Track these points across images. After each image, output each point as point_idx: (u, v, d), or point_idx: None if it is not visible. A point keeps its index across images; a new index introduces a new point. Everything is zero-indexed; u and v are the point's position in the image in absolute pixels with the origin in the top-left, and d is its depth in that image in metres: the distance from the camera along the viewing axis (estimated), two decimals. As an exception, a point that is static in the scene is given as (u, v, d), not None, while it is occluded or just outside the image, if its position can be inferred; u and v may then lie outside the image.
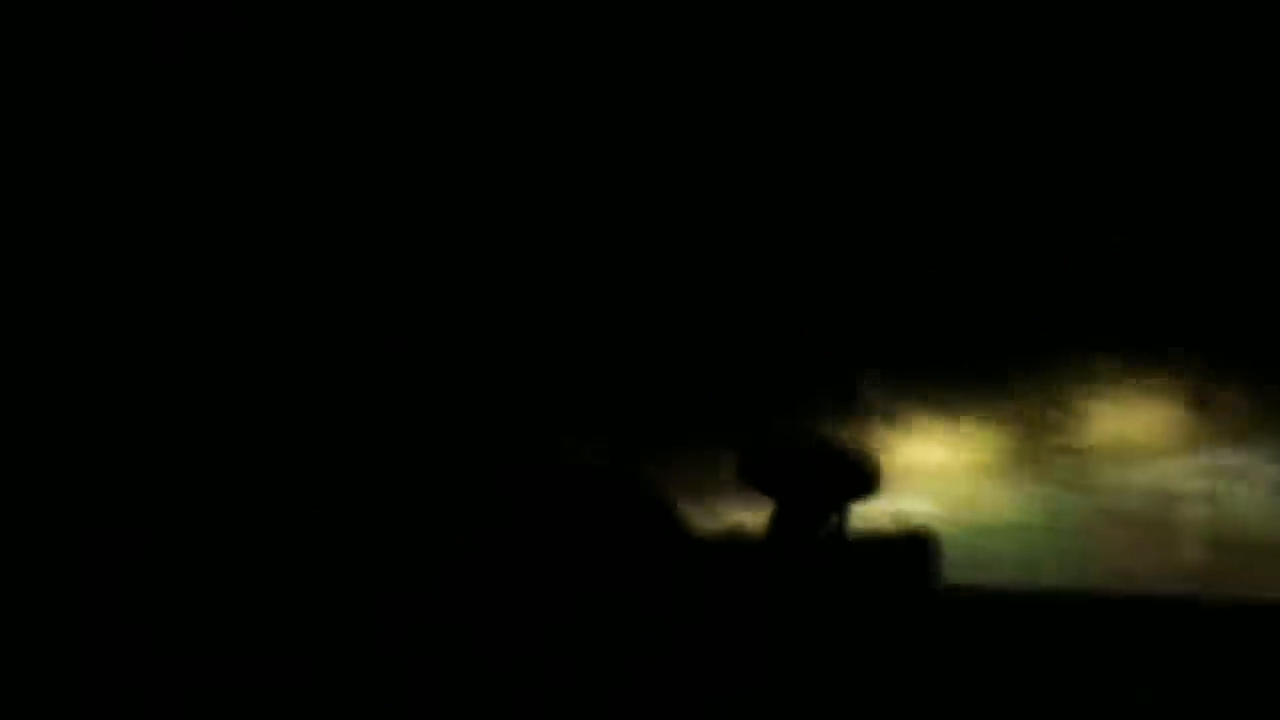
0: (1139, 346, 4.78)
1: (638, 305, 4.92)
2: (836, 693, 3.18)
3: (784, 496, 3.78)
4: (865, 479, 4.21)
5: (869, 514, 4.28)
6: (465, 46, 4.98)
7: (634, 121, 5.06)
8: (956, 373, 4.99)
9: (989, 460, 4.85)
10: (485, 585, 3.45)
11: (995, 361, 4.94)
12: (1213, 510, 4.55)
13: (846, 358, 4.96)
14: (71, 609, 3.39)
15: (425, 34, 4.96)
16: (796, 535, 3.64)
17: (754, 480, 3.91)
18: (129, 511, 3.65)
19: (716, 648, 3.28)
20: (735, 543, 3.82)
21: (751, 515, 3.98)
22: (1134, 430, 4.77)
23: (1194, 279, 4.71)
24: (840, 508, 3.85)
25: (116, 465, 3.79)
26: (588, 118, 5.08)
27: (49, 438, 3.86)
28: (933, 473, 4.84)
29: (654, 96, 5.10)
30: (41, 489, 3.69)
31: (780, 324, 4.97)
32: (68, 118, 4.51)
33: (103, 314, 4.30)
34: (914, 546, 3.65)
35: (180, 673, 3.22)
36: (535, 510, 3.78)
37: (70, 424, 3.92)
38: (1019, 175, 4.93)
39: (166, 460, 3.82)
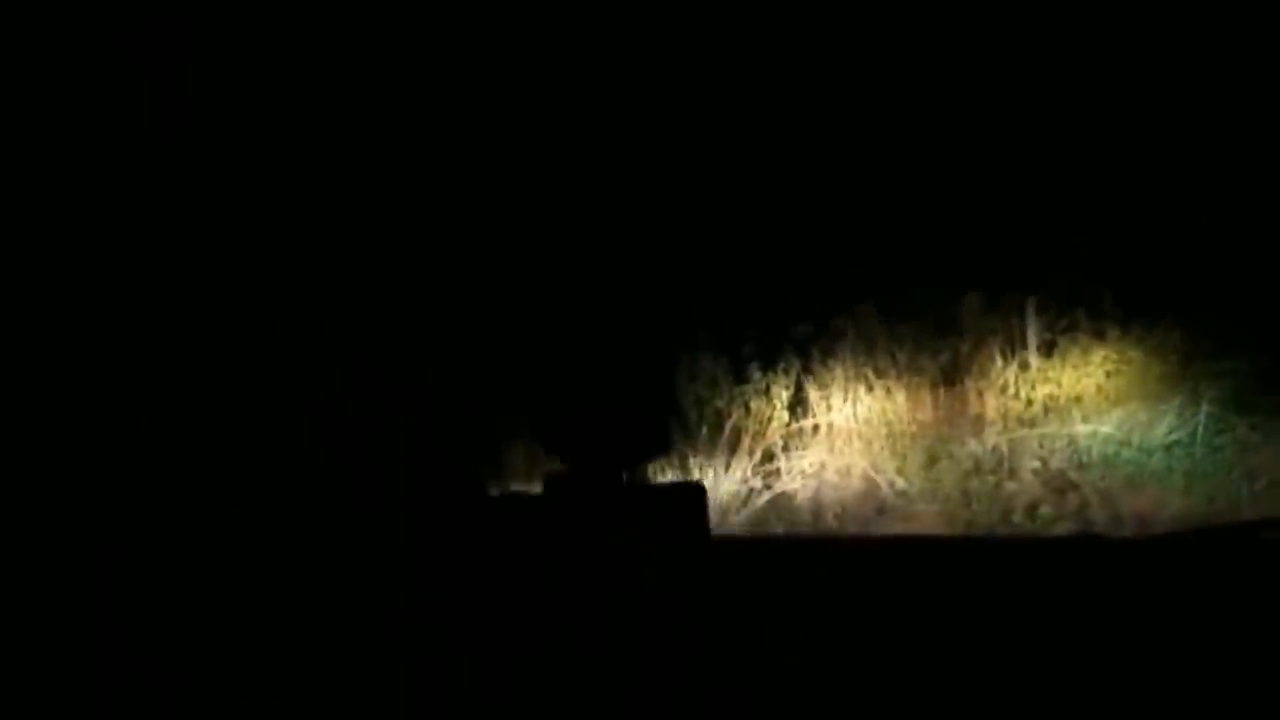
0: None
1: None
2: (619, 632, 3.12)
3: (576, 457, 3.70)
4: (656, 440, 4.04)
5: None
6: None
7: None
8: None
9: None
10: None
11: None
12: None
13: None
14: (69, 608, 3.29)
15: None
16: (587, 493, 3.56)
17: (548, 442, 3.84)
18: (122, 510, 3.52)
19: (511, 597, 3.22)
20: (521, 501, 3.85)
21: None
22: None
23: None
24: (630, 466, 3.75)
25: (108, 465, 3.65)
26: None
27: (42, 438, 3.74)
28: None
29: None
30: (36, 489, 3.57)
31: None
32: (64, 121, 4.43)
33: (93, 316, 4.19)
34: (689, 493, 3.54)
35: (179, 672, 3.14)
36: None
37: (64, 424, 3.81)
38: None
39: (158, 460, 3.70)
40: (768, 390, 5.05)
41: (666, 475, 4.77)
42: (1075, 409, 5.08)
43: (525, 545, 3.29)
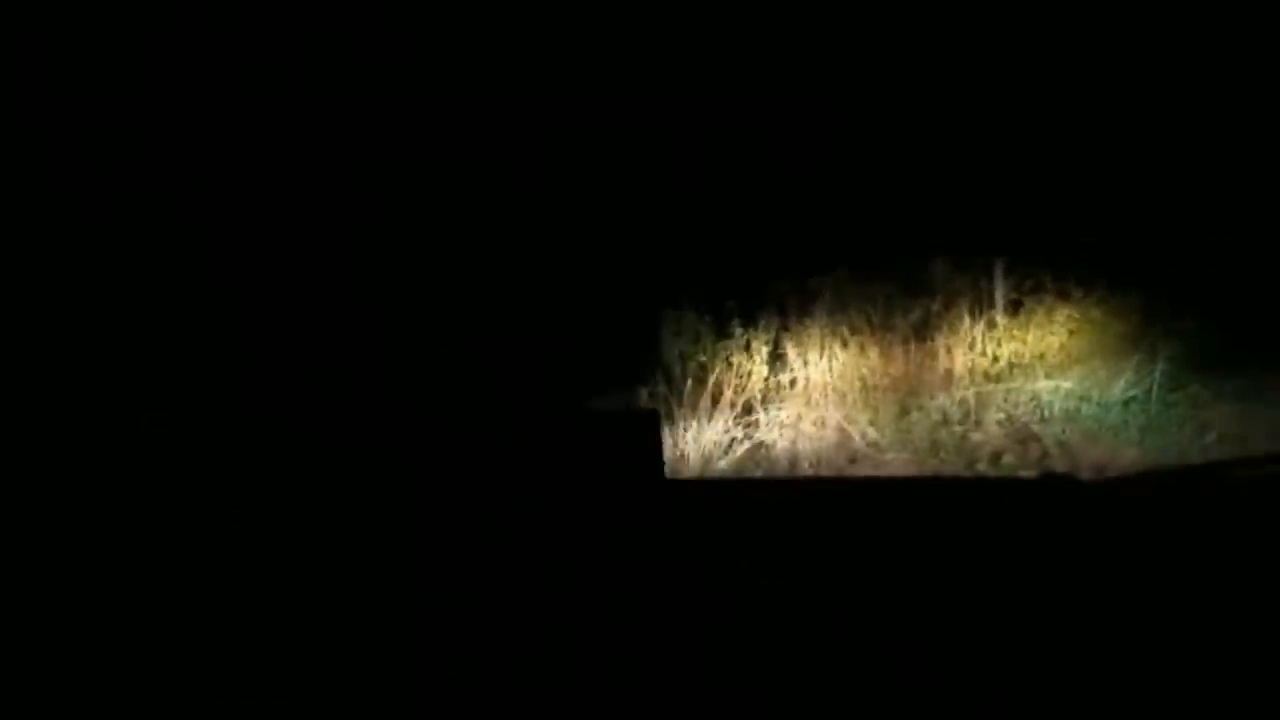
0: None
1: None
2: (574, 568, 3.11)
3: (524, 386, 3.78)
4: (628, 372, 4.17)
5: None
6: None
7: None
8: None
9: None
10: None
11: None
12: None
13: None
14: (69, 606, 3.25)
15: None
16: (534, 420, 3.57)
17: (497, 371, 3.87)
18: (122, 510, 3.49)
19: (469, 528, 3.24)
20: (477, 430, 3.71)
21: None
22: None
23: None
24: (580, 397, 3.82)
25: (109, 464, 3.60)
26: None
27: (43, 438, 3.68)
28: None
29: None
30: (36, 489, 3.52)
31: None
32: (66, 121, 4.33)
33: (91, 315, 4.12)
34: (640, 422, 3.48)
35: (178, 670, 3.10)
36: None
37: (64, 424, 3.75)
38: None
39: (158, 460, 3.65)
40: (748, 346, 5.19)
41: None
42: (1039, 366, 5.26)
43: (474, 481, 3.28)
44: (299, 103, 4.79)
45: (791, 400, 5.16)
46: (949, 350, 5.24)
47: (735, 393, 5.15)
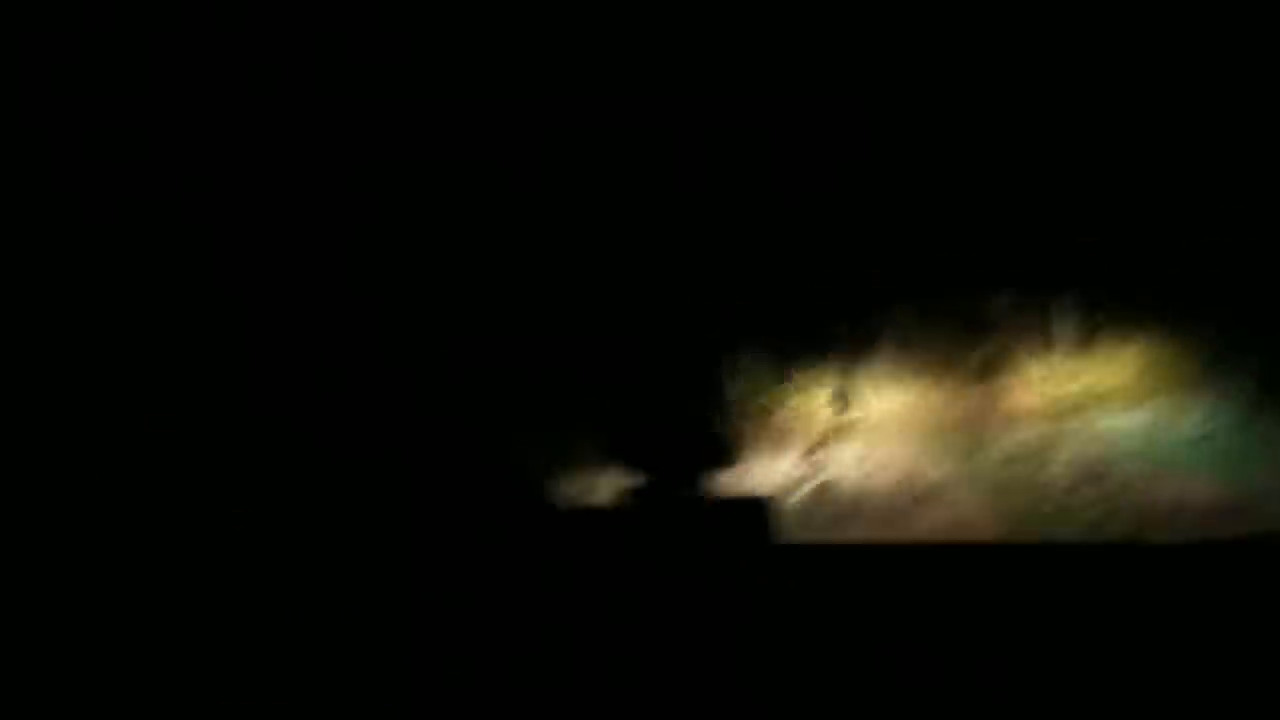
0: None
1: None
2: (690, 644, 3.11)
3: (647, 469, 3.87)
4: (721, 454, 4.18)
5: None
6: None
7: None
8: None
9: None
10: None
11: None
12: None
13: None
14: (69, 609, 3.23)
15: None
16: (654, 503, 3.71)
17: (622, 455, 4.00)
18: (121, 510, 3.45)
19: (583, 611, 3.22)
20: (593, 513, 3.90)
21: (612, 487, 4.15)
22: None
23: None
24: (696, 479, 3.94)
25: (107, 465, 3.56)
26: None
27: (41, 438, 3.63)
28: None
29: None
30: (34, 488, 3.48)
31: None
32: (66, 121, 4.31)
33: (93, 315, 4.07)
34: (753, 508, 3.62)
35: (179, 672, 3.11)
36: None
37: (62, 424, 3.69)
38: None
39: (156, 460, 3.61)
40: (811, 385, 5.20)
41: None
42: (1107, 401, 5.21)
43: (594, 562, 3.33)
44: (299, 103, 4.77)
45: (855, 440, 5.14)
46: (1014, 387, 5.19)
47: (798, 432, 5.14)
